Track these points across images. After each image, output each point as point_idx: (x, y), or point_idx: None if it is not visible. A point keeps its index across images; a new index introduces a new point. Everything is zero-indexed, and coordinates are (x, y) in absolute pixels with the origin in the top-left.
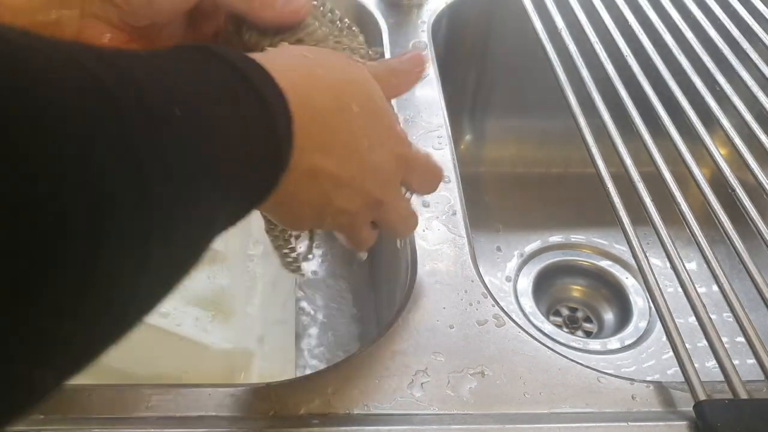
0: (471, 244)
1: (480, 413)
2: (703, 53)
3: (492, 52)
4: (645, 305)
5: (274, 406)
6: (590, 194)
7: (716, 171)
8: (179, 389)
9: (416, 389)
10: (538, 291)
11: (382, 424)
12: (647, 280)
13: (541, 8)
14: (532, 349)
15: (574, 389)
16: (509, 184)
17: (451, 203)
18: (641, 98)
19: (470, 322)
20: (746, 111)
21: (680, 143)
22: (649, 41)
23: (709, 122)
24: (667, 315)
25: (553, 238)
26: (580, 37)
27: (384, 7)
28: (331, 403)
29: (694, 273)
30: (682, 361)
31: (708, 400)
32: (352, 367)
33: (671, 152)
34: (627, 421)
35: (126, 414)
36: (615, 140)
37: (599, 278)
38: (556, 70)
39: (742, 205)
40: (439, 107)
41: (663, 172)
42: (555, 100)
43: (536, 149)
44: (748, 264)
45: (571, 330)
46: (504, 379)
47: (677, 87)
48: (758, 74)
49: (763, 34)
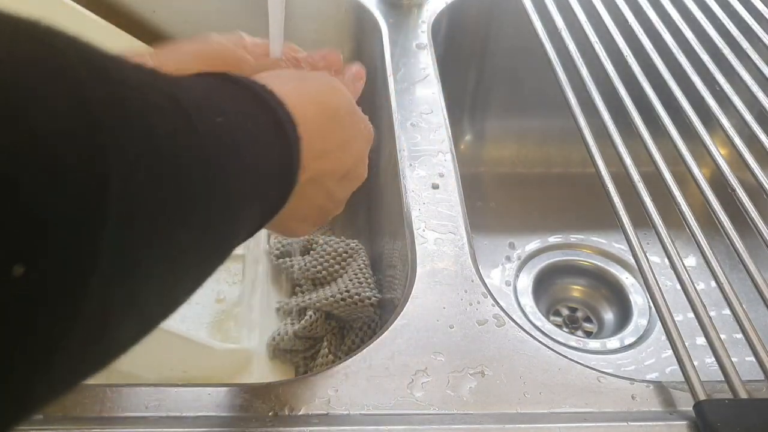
0: (471, 244)
1: (480, 413)
2: (703, 53)
3: (492, 52)
4: (645, 304)
5: (274, 406)
6: (590, 194)
7: (716, 171)
8: (179, 389)
9: (416, 389)
10: (538, 291)
11: (382, 424)
12: (647, 279)
13: (541, 8)
14: (532, 349)
15: (574, 389)
16: (509, 184)
17: (451, 203)
18: (641, 98)
19: (470, 322)
20: (746, 111)
21: (680, 143)
22: (649, 41)
23: (709, 122)
24: (667, 314)
25: (553, 238)
26: (580, 37)
27: (384, 7)
28: (331, 403)
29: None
30: (682, 361)
31: (708, 400)
32: (352, 367)
33: (671, 152)
34: (627, 421)
35: (126, 414)
36: (615, 140)
37: (599, 278)
38: (556, 70)
39: (742, 205)
40: (439, 107)
41: (663, 172)
42: (555, 100)
43: (536, 149)
44: (747, 263)
45: (571, 330)
46: (504, 379)
47: (677, 87)
48: (758, 74)
49: (763, 34)
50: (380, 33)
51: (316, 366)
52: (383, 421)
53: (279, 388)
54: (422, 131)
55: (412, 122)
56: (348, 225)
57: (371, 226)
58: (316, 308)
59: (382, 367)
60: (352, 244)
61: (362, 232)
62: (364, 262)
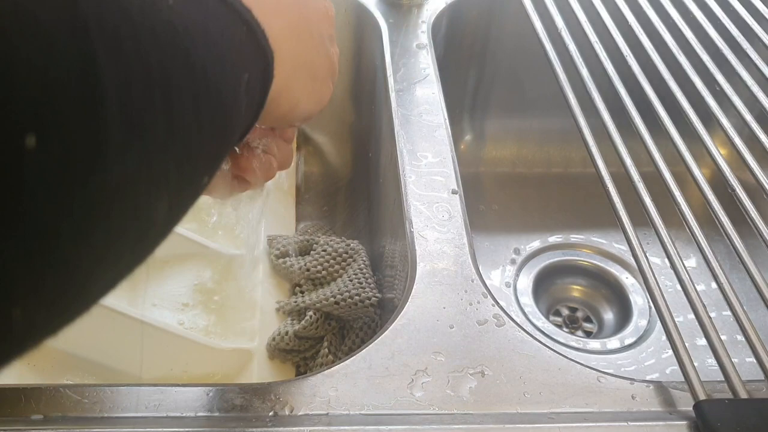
0: (471, 244)
1: (480, 413)
2: (703, 53)
3: (492, 52)
4: (645, 304)
5: (274, 406)
6: (590, 194)
7: (716, 171)
8: (179, 389)
9: (416, 389)
10: (537, 291)
11: (382, 424)
12: (647, 279)
13: (541, 8)
14: (532, 349)
15: (574, 389)
16: (509, 184)
17: (451, 203)
18: (641, 98)
19: (470, 322)
20: (746, 111)
21: (680, 143)
22: (649, 41)
23: (709, 122)
24: (667, 314)
25: (553, 238)
26: (580, 37)
27: (384, 7)
28: (331, 403)
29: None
30: (682, 361)
31: (708, 400)
32: (352, 367)
33: (671, 152)
34: (627, 421)
35: (126, 414)
36: (615, 140)
37: (599, 278)
38: (556, 70)
39: (742, 205)
40: (439, 107)
41: (663, 172)
42: (555, 100)
43: (536, 149)
44: (747, 263)
45: (571, 330)
46: (504, 379)
47: (677, 87)
48: (758, 74)
49: (763, 34)
50: (380, 33)
51: (316, 366)
52: (383, 421)
53: (279, 388)
54: (422, 131)
55: (412, 122)
56: (348, 225)
57: (371, 226)
58: (316, 308)
59: (382, 367)
60: (353, 244)
61: (362, 232)
62: (365, 262)
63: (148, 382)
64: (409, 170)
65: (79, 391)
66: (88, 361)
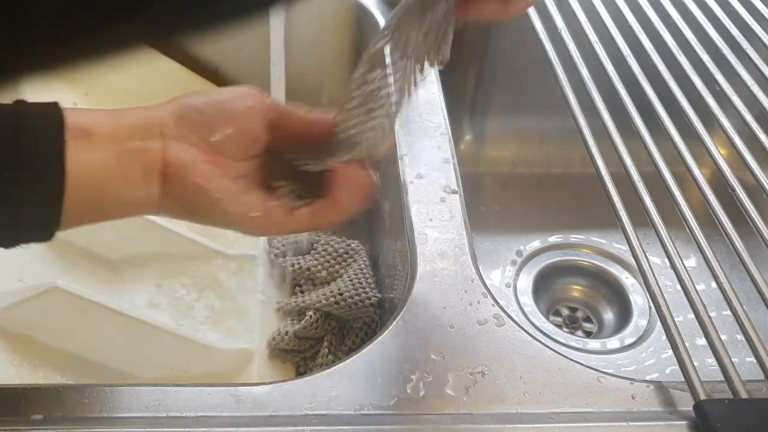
0: (471, 244)
1: (480, 413)
2: (703, 53)
3: (492, 52)
4: (645, 304)
5: (274, 406)
6: (590, 194)
7: (716, 171)
8: (179, 389)
9: (416, 389)
10: (537, 291)
11: (382, 424)
12: (647, 279)
13: (541, 8)
14: (532, 349)
15: (574, 389)
16: (509, 184)
17: (451, 203)
18: (641, 98)
19: (470, 322)
20: (746, 111)
21: (680, 143)
22: (649, 41)
23: (709, 122)
24: (667, 314)
25: (553, 238)
26: (580, 37)
27: (384, 7)
28: (331, 403)
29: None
30: (682, 361)
31: (708, 400)
32: (352, 367)
33: (671, 152)
34: (627, 421)
35: (126, 414)
36: (615, 140)
37: (599, 278)
38: (556, 70)
39: (742, 205)
40: (439, 107)
41: (663, 172)
42: (555, 100)
43: (536, 149)
44: (747, 263)
45: (571, 330)
46: (504, 378)
47: (677, 87)
48: (758, 74)
49: (763, 34)
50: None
51: (316, 366)
52: (383, 421)
53: (279, 388)
54: (422, 131)
55: (412, 122)
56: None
57: (371, 226)
58: (316, 308)
59: (382, 367)
60: (353, 244)
61: (362, 232)
62: (365, 262)
63: (148, 382)
64: (409, 170)
65: (79, 391)
66: (88, 361)
